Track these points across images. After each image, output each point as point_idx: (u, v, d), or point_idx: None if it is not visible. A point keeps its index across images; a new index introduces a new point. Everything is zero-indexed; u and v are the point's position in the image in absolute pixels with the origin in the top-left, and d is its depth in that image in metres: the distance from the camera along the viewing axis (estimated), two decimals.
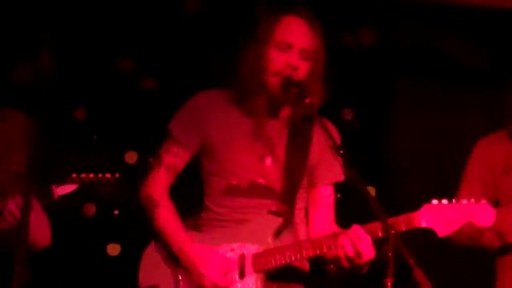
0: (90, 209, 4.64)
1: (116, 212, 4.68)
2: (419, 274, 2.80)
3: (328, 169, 3.44)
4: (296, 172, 3.41)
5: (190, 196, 3.49)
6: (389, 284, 2.81)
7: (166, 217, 3.36)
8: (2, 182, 3.44)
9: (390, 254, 2.82)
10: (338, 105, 4.91)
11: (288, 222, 3.37)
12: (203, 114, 3.42)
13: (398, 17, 4.94)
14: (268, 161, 3.41)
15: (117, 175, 3.23)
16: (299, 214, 3.47)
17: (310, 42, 3.37)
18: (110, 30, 4.73)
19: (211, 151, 3.42)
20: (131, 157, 4.74)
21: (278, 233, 3.34)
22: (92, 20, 4.70)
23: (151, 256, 3.39)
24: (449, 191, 3.87)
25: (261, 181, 3.39)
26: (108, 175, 3.22)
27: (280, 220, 3.34)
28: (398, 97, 4.99)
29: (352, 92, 4.90)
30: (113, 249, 4.65)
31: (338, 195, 4.25)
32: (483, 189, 3.76)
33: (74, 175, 3.19)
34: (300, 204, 3.46)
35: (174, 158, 3.42)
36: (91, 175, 3.20)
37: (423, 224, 3.18)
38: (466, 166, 3.87)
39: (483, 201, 3.20)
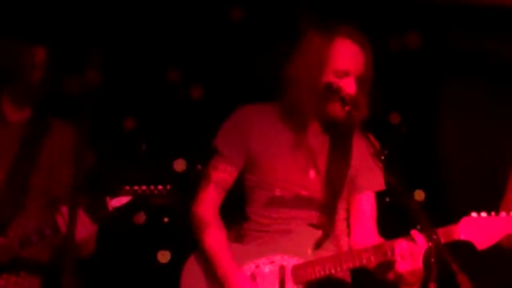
0: (140, 217, 4.70)
1: (166, 219, 4.72)
2: (463, 279, 2.79)
3: (369, 177, 3.45)
4: (337, 182, 3.43)
5: (232, 205, 3.52)
6: None
7: (216, 239, 3.40)
8: (53, 194, 3.52)
9: (432, 259, 2.82)
10: (385, 109, 4.89)
11: (328, 234, 3.39)
12: (246, 128, 3.45)
13: (447, 19, 4.91)
14: (312, 173, 3.44)
15: (168, 186, 3.26)
16: (340, 225, 3.48)
17: (365, 68, 3.40)
18: (158, 40, 4.79)
19: (254, 165, 3.44)
20: (179, 165, 4.78)
21: (318, 245, 3.36)
22: (141, 31, 4.76)
23: (192, 269, 3.43)
24: (499, 195, 3.85)
25: (304, 193, 3.41)
26: (160, 187, 3.25)
27: (319, 232, 3.36)
28: (446, 100, 4.95)
29: (399, 96, 4.89)
30: (163, 256, 4.70)
31: (387, 199, 4.27)
32: None
33: (127, 187, 3.24)
34: (341, 215, 3.48)
35: (222, 174, 3.45)
36: (144, 187, 3.24)
37: (462, 237, 3.18)
38: (511, 174, 3.84)
39: None
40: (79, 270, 3.73)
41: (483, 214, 3.20)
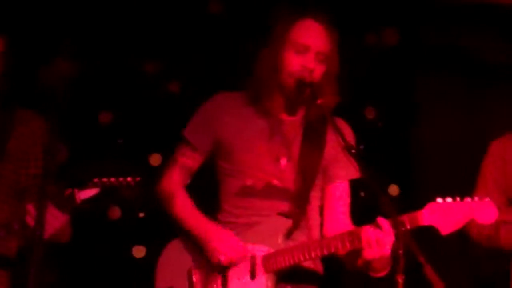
0: (115, 212, 4.69)
1: (141, 214, 4.71)
2: (429, 271, 2.81)
3: (343, 167, 3.44)
4: (309, 172, 3.43)
5: (207, 199, 3.52)
6: (400, 280, 2.83)
7: (183, 204, 3.44)
8: (21, 185, 3.50)
9: (400, 251, 2.83)
10: (360, 104, 4.91)
11: (299, 223, 3.40)
12: (217, 116, 3.47)
13: (421, 15, 4.93)
14: (283, 161, 3.43)
15: (138, 178, 3.25)
16: (313, 215, 3.48)
17: (326, 45, 3.41)
18: (134, 34, 4.77)
19: (226, 152, 3.46)
20: (155, 160, 4.78)
21: (289, 235, 3.37)
22: (117, 24, 4.74)
23: (167, 258, 3.45)
24: (472, 188, 3.88)
25: (276, 182, 3.42)
26: (129, 179, 3.23)
27: (289, 221, 3.37)
28: (421, 95, 4.98)
29: (374, 91, 4.91)
30: (139, 251, 4.69)
31: (362, 194, 4.29)
32: (498, 191, 3.76)
33: (95, 180, 3.23)
34: (314, 205, 3.47)
35: (188, 160, 3.49)
36: (112, 179, 3.23)
37: (426, 223, 3.17)
38: (481, 167, 3.87)
39: (487, 199, 3.19)
40: (53, 265, 3.73)
41: (449, 199, 3.19)
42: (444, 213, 3.17)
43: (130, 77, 4.80)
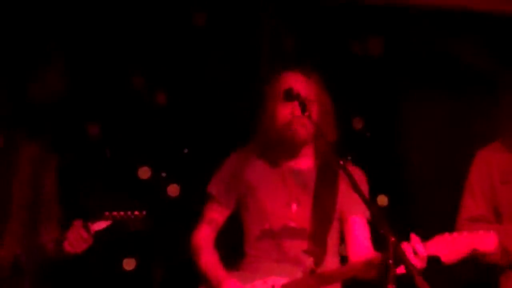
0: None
1: None
2: (420, 281, 2.85)
3: (359, 203, 3.51)
4: (325, 213, 3.65)
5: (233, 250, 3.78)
6: None
7: (208, 258, 3.69)
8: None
9: (391, 261, 2.89)
10: (348, 114, 4.93)
11: (319, 262, 3.56)
12: (236, 174, 3.74)
13: (407, 24, 4.96)
14: (294, 207, 3.66)
15: (144, 212, 3.58)
16: (332, 251, 3.65)
17: (309, 89, 3.66)
18: (121, 47, 4.78)
19: (246, 204, 3.72)
20: (144, 173, 4.80)
21: (310, 272, 3.52)
22: (103, 37, 4.75)
23: None
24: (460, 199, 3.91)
25: (293, 224, 3.64)
26: (136, 213, 3.56)
27: (311, 259, 3.54)
28: (408, 105, 5.00)
29: (362, 101, 4.93)
30: (129, 264, 4.70)
31: None
32: (485, 201, 3.79)
33: (107, 213, 3.55)
34: (330, 245, 3.64)
35: (214, 214, 3.76)
36: (122, 213, 3.56)
37: (431, 252, 3.25)
38: (467, 178, 3.90)
39: (481, 231, 3.31)
40: (45, 278, 3.75)
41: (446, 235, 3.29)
42: (446, 244, 3.26)
43: (117, 89, 4.81)
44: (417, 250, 3.18)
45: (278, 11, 4.83)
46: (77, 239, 3.52)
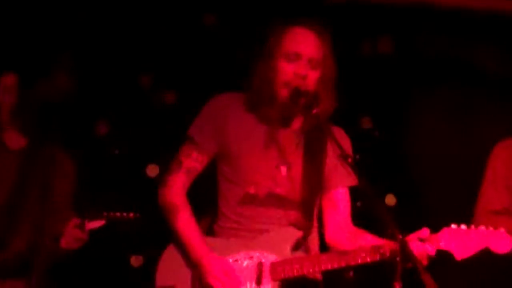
0: None
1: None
2: (427, 278, 2.83)
3: (342, 174, 3.48)
4: (313, 183, 3.46)
5: (203, 198, 3.57)
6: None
7: (186, 223, 3.43)
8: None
9: (398, 258, 2.87)
10: (356, 114, 4.94)
11: (308, 235, 3.44)
12: (221, 118, 3.48)
13: (417, 25, 4.96)
14: (283, 170, 3.46)
15: (138, 214, 3.53)
16: (315, 225, 3.52)
17: (318, 51, 3.43)
18: (130, 46, 4.79)
19: (228, 156, 3.47)
20: (152, 170, 4.79)
21: (297, 246, 3.40)
22: (112, 36, 4.76)
23: (169, 258, 3.47)
24: (470, 199, 3.88)
25: (278, 190, 3.44)
26: (131, 214, 3.52)
27: (300, 233, 3.40)
28: (417, 104, 4.99)
29: (370, 101, 4.93)
30: (136, 261, 4.70)
31: (358, 204, 4.30)
32: (508, 193, 3.75)
33: (105, 213, 3.53)
34: (314, 213, 3.51)
35: (193, 162, 3.49)
36: (118, 214, 3.53)
37: (442, 246, 3.24)
38: (487, 171, 3.85)
39: (502, 230, 3.26)
40: (52, 274, 3.76)
41: (463, 226, 3.25)
42: (460, 239, 3.23)
43: (126, 88, 4.82)
44: (425, 249, 3.16)
45: (286, 11, 4.84)
46: (73, 237, 3.53)
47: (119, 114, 4.81)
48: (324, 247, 3.57)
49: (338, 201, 3.52)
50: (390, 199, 4.88)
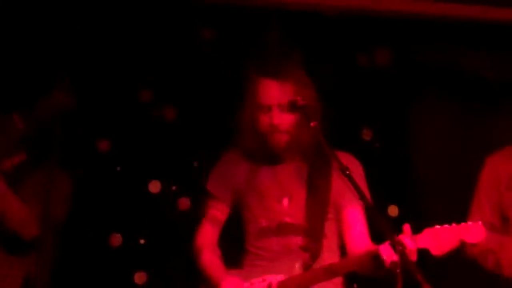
0: (116, 239, 4.72)
1: (142, 241, 4.74)
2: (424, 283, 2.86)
3: (350, 194, 3.49)
4: (320, 206, 3.61)
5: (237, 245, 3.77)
6: None
7: (208, 257, 3.68)
8: None
9: (398, 270, 2.89)
10: (357, 125, 4.95)
11: (316, 256, 3.56)
12: (230, 171, 3.74)
13: (416, 34, 4.98)
14: (285, 202, 3.64)
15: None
16: (330, 248, 3.63)
17: (286, 94, 3.56)
18: (129, 62, 4.82)
19: (242, 201, 3.72)
20: (154, 186, 4.82)
21: (306, 267, 3.53)
22: (112, 51, 4.79)
23: None
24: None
25: (288, 219, 3.62)
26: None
27: (306, 254, 3.55)
28: (417, 115, 5.01)
29: (370, 112, 4.94)
30: (140, 278, 4.71)
31: None
32: (491, 207, 3.81)
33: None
34: (330, 237, 3.63)
35: (216, 212, 3.75)
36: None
37: (420, 245, 3.26)
38: (476, 185, 3.91)
39: (473, 222, 3.29)
40: None
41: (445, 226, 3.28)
42: (435, 236, 3.26)
43: (126, 104, 4.84)
44: (406, 244, 3.18)
45: (285, 25, 4.85)
46: None
47: (120, 130, 4.83)
48: None
49: (351, 220, 3.63)
50: (392, 210, 4.89)
